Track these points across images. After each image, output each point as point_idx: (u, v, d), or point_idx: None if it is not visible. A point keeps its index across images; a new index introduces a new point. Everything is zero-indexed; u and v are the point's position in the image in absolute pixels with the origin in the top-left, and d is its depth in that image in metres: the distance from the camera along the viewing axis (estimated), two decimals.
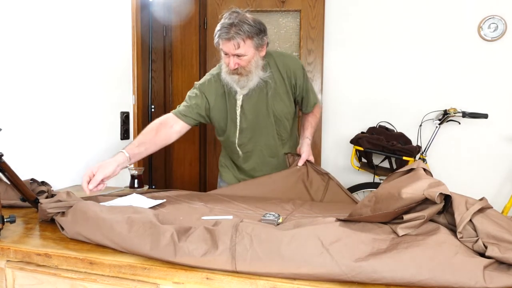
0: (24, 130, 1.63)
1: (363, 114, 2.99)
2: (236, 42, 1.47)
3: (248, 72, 1.56)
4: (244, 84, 1.59)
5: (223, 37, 1.48)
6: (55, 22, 1.75)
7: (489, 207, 0.87)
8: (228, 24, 1.47)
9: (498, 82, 2.79)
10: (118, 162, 1.44)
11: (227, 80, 1.60)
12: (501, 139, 2.82)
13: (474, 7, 2.78)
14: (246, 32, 1.47)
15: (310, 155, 1.70)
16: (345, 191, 1.59)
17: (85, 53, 1.93)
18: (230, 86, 1.62)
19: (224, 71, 1.60)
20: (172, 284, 0.89)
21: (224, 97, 1.67)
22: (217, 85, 1.67)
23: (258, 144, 1.74)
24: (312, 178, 1.63)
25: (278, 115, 1.70)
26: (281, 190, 1.60)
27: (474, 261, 0.78)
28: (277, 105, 1.68)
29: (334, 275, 0.80)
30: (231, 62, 1.52)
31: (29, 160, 1.64)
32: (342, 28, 2.99)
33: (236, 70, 1.55)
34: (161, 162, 3.26)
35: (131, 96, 2.31)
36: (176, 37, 3.26)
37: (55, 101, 1.78)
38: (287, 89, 1.69)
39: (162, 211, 1.26)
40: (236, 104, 1.65)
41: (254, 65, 1.56)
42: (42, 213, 1.15)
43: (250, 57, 1.53)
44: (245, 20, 1.48)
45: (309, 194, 1.59)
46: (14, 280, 1.03)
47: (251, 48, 1.52)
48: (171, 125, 1.64)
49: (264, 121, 1.70)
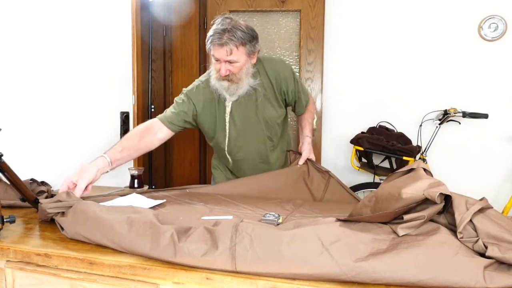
0: (24, 130, 1.63)
1: (363, 114, 2.99)
2: (229, 48, 1.46)
3: (238, 80, 1.54)
4: (233, 91, 1.57)
5: (216, 42, 1.46)
6: (55, 22, 1.75)
7: (489, 207, 0.87)
8: (221, 30, 1.45)
9: (498, 82, 2.79)
10: (98, 167, 1.37)
11: (216, 87, 1.58)
12: (501, 139, 2.82)
13: (474, 7, 2.78)
14: (239, 39, 1.46)
15: (311, 153, 1.70)
16: (346, 189, 1.59)
17: (85, 53, 1.93)
18: (219, 93, 1.60)
19: (213, 77, 1.57)
20: (172, 284, 0.89)
21: (213, 103, 1.64)
22: (205, 92, 1.64)
23: (249, 152, 1.71)
24: (313, 176, 1.63)
25: (269, 120, 1.67)
26: (281, 187, 1.60)
27: (474, 261, 0.78)
28: (267, 111, 1.66)
29: (334, 275, 0.80)
30: (223, 68, 1.50)
31: (29, 160, 1.64)
32: (342, 28, 2.99)
33: (227, 77, 1.53)
34: (161, 162, 3.26)
35: (131, 96, 2.31)
36: (176, 37, 3.26)
37: (55, 101, 1.78)
38: (276, 95, 1.66)
39: (162, 211, 1.26)
40: (225, 111, 1.63)
41: (245, 72, 1.54)
42: (42, 213, 1.15)
43: (241, 64, 1.51)
44: (238, 27, 1.47)
45: (310, 192, 1.59)
46: (14, 280, 1.02)
47: (243, 55, 1.50)
48: (155, 131, 1.61)
49: (254, 128, 1.67)
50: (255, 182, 1.62)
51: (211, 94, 1.63)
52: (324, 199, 1.56)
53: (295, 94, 1.71)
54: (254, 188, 1.59)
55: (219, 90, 1.58)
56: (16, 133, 1.58)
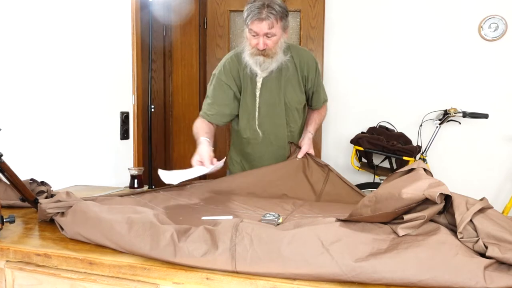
0: (24, 130, 1.63)
1: (363, 114, 2.99)
2: (270, 22, 1.53)
3: (274, 54, 1.61)
4: (267, 66, 1.63)
5: (256, 17, 1.52)
6: (55, 22, 1.75)
7: (490, 207, 0.87)
8: (260, 5, 1.52)
9: (498, 82, 2.79)
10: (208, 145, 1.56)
11: (249, 63, 1.64)
12: (501, 139, 2.82)
13: (474, 7, 2.78)
14: (278, 13, 1.54)
15: (310, 148, 1.73)
16: (345, 181, 1.60)
17: (85, 53, 1.93)
18: (250, 68, 1.66)
19: (248, 53, 1.63)
20: (172, 284, 0.89)
21: (245, 79, 1.71)
22: (231, 66, 1.71)
23: (268, 132, 1.77)
24: (313, 170, 1.65)
25: (288, 102, 1.74)
26: (282, 179, 1.61)
27: (475, 261, 0.78)
28: (288, 93, 1.73)
29: (334, 275, 0.80)
30: (261, 42, 1.56)
31: (29, 160, 1.64)
32: (342, 28, 2.99)
33: (263, 51, 1.59)
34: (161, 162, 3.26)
35: (131, 96, 2.31)
36: (176, 37, 3.26)
37: (55, 101, 1.78)
38: (299, 79, 1.73)
39: (162, 211, 1.26)
40: (256, 86, 1.70)
41: (279, 46, 1.62)
42: (41, 213, 1.15)
43: (278, 37, 1.58)
44: (275, 1, 1.55)
45: (310, 184, 1.60)
46: (13, 280, 1.02)
47: (280, 29, 1.57)
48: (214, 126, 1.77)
49: (276, 107, 1.73)
50: (255, 176, 1.64)
51: (238, 69, 1.71)
52: (324, 191, 1.58)
53: (314, 84, 1.78)
54: (254, 181, 1.61)
55: (252, 66, 1.65)
56: (16, 133, 1.58)
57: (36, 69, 1.67)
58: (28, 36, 1.62)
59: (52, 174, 1.72)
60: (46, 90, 1.72)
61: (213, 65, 3.07)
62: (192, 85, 3.28)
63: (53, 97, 1.76)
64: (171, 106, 3.28)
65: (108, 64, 2.11)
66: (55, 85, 1.77)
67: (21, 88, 1.61)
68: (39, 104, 1.69)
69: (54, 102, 1.77)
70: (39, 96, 1.69)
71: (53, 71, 1.76)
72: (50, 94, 1.75)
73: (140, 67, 2.35)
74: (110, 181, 2.11)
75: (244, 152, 1.86)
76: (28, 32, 1.62)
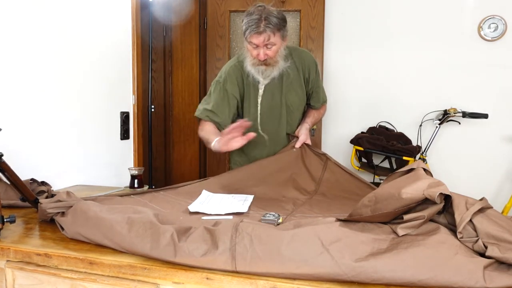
0: (24, 130, 1.63)
1: (363, 114, 2.99)
2: (267, 35, 1.56)
3: (275, 62, 1.65)
4: (269, 74, 1.68)
5: (255, 31, 1.56)
6: (55, 22, 1.75)
7: (489, 207, 0.87)
8: (257, 19, 1.55)
9: (498, 82, 2.79)
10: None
11: (252, 72, 1.68)
12: (501, 139, 2.82)
13: (474, 7, 2.78)
14: (275, 25, 1.57)
15: (307, 138, 1.75)
16: (343, 168, 1.63)
17: (85, 53, 1.93)
18: (252, 76, 1.69)
19: (250, 64, 1.67)
20: (172, 284, 0.89)
21: (247, 86, 1.74)
22: (237, 74, 1.74)
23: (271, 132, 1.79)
24: (311, 159, 1.68)
25: (290, 105, 1.77)
26: (281, 169, 1.64)
27: (474, 261, 0.78)
28: (290, 96, 1.76)
29: (334, 275, 0.80)
30: (261, 53, 1.60)
31: (29, 160, 1.64)
32: (342, 28, 3.00)
33: (264, 61, 1.63)
34: (161, 162, 3.26)
35: (131, 96, 2.31)
36: (176, 37, 3.26)
37: (55, 101, 1.78)
38: (301, 82, 1.77)
39: (162, 211, 1.26)
40: (258, 94, 1.73)
41: (280, 55, 1.65)
42: (42, 213, 1.15)
43: (277, 47, 1.62)
44: (271, 13, 1.58)
45: (309, 172, 1.63)
46: (14, 280, 1.03)
47: (279, 38, 1.61)
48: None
49: (278, 110, 1.76)
50: (254, 169, 1.65)
51: (241, 77, 1.73)
52: (323, 178, 1.61)
53: (314, 84, 1.81)
54: (253, 173, 1.63)
55: (254, 75, 1.69)
56: (16, 133, 1.58)
57: (36, 69, 1.67)
58: (29, 36, 1.63)
59: (52, 174, 1.72)
60: (46, 90, 1.72)
61: (213, 65, 3.08)
62: (192, 85, 3.28)
63: (53, 97, 1.76)
64: (171, 106, 3.28)
65: (108, 64, 2.11)
66: (55, 85, 1.77)
67: (21, 88, 1.61)
68: (39, 104, 1.69)
69: (54, 102, 1.77)
70: (39, 96, 1.69)
71: (53, 71, 1.76)
72: (50, 94, 1.75)
73: (140, 67, 2.35)
74: (110, 181, 2.11)
75: (250, 156, 1.87)
76: (29, 32, 1.62)
